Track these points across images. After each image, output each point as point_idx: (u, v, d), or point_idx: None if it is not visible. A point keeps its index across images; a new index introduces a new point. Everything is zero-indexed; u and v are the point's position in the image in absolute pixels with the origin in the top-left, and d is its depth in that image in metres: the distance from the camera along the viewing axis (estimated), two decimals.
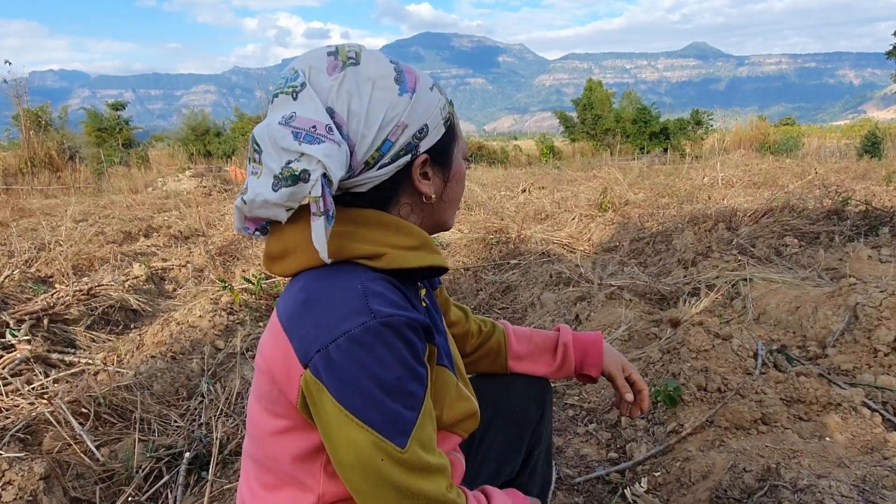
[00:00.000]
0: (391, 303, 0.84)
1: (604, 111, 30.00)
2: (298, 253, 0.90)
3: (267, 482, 0.95)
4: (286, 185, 0.84)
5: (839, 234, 5.16)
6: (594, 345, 1.31)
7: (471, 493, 0.94)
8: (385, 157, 0.90)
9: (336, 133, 0.86)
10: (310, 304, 0.85)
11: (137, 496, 2.00)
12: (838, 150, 21.50)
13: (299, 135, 0.84)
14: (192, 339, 3.44)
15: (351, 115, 0.88)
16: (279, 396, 0.88)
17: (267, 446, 0.92)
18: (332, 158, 0.84)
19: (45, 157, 17.70)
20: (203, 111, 30.21)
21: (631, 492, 1.89)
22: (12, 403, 2.52)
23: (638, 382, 1.30)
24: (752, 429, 2.06)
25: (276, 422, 0.90)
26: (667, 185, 10.37)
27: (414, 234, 0.93)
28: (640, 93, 42.78)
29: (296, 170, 0.84)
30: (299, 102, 0.87)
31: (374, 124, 0.88)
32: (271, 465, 0.93)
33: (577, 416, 2.53)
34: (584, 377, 1.33)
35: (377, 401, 0.79)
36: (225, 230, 7.53)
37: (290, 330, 0.85)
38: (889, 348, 2.56)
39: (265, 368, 0.90)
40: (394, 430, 0.80)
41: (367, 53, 0.92)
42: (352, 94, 0.88)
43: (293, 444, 0.90)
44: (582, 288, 4.03)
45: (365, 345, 0.80)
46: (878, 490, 1.59)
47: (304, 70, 0.90)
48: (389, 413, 0.80)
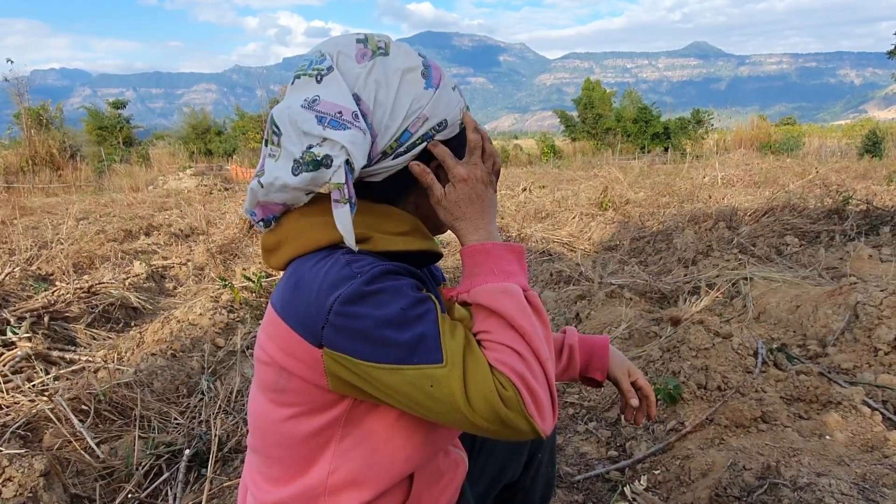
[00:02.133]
0: (373, 261, 0.84)
1: (604, 110, 29.98)
2: (290, 242, 0.90)
3: (273, 475, 0.94)
4: (307, 170, 0.83)
5: (840, 233, 5.15)
6: (600, 348, 1.28)
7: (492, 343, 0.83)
8: (402, 146, 0.89)
9: (362, 121, 0.85)
10: (300, 286, 0.85)
11: (137, 493, 2.00)
12: (839, 149, 21.48)
13: (324, 119, 0.83)
14: (193, 336, 3.44)
15: (377, 104, 0.87)
16: (290, 384, 0.87)
17: (273, 436, 0.92)
18: (357, 146, 0.84)
19: (47, 156, 17.73)
20: (204, 110, 30.21)
21: (631, 490, 1.89)
22: (13, 400, 2.52)
23: (644, 388, 1.26)
24: (752, 427, 2.06)
25: (282, 410, 0.89)
26: (667, 184, 10.36)
27: (404, 221, 0.93)
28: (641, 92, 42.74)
29: (318, 155, 0.83)
30: (323, 86, 0.86)
31: (398, 116, 0.88)
32: (279, 455, 0.92)
33: (578, 415, 2.53)
34: (589, 381, 1.30)
35: (396, 339, 0.78)
36: (225, 228, 7.53)
37: (287, 316, 0.85)
38: (889, 347, 2.56)
39: (269, 360, 0.89)
40: (425, 354, 0.78)
41: (397, 45, 0.91)
42: (380, 84, 0.87)
43: (301, 429, 0.89)
44: (582, 286, 4.03)
45: (358, 299, 0.79)
46: (878, 488, 1.59)
47: (331, 54, 0.88)
48: (412, 342, 0.78)
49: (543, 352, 0.82)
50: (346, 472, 0.90)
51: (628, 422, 1.28)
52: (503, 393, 0.77)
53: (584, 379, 1.31)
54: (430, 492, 0.98)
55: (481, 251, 0.89)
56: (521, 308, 0.83)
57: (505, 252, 0.89)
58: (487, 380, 0.77)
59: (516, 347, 0.80)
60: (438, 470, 1.00)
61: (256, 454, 0.97)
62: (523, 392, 0.77)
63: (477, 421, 0.77)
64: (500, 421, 0.77)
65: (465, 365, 0.78)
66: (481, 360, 0.79)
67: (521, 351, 0.80)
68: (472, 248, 0.90)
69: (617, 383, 1.28)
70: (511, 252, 0.90)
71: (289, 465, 0.92)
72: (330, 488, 0.90)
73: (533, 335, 0.82)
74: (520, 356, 0.80)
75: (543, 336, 0.84)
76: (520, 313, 0.82)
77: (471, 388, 0.77)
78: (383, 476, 0.91)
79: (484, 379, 0.77)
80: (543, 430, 0.79)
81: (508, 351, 0.80)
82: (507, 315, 0.82)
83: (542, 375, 0.81)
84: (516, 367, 0.79)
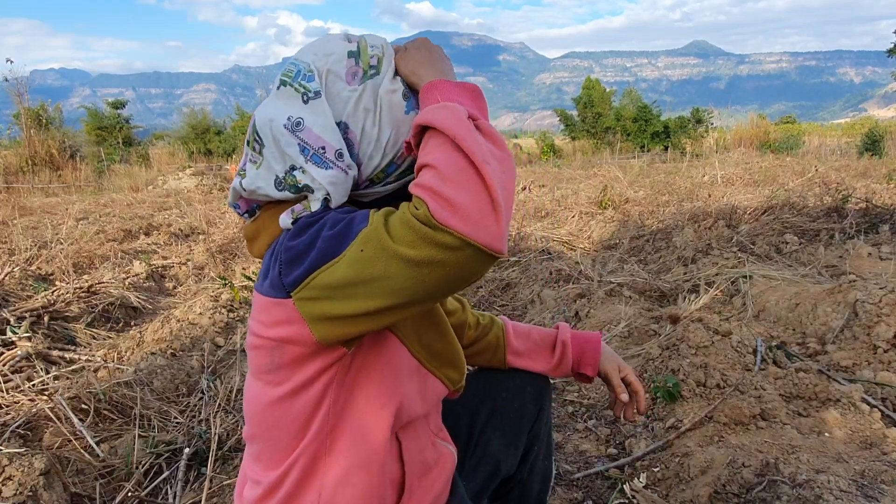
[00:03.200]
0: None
1: (604, 109, 29.95)
2: (267, 229, 0.93)
3: (270, 459, 0.95)
4: (290, 191, 0.87)
5: (839, 231, 5.15)
6: (592, 344, 1.30)
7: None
8: (390, 177, 0.91)
9: (346, 157, 0.86)
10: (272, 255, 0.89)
11: (137, 492, 2.00)
12: (839, 148, 21.46)
13: (307, 151, 0.84)
14: (192, 336, 3.45)
15: (364, 135, 0.88)
16: (282, 357, 0.89)
17: (267, 418, 0.93)
18: (337, 186, 0.85)
19: (46, 156, 17.72)
20: (204, 109, 30.16)
21: (630, 487, 1.89)
22: (13, 400, 2.52)
23: (634, 384, 1.28)
24: (751, 424, 2.06)
25: (276, 390, 0.91)
26: (667, 182, 10.35)
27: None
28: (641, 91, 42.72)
29: (299, 181, 0.86)
30: (309, 110, 0.86)
31: (381, 147, 0.89)
32: (274, 438, 0.94)
33: (577, 413, 2.54)
34: (581, 376, 1.33)
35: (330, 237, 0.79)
36: (225, 228, 7.53)
37: (263, 289, 0.89)
38: (888, 345, 2.56)
39: (259, 342, 0.91)
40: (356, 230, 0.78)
41: (387, 60, 0.91)
42: (368, 112, 0.88)
43: (294, 407, 0.91)
44: (582, 285, 4.03)
45: (298, 232, 0.83)
46: (876, 485, 1.59)
47: (321, 72, 0.87)
48: (343, 231, 0.79)
49: (479, 153, 0.73)
50: (339, 449, 0.91)
51: (617, 417, 1.30)
52: (415, 212, 0.72)
53: (576, 375, 1.33)
54: (421, 484, 1.00)
55: (429, 87, 0.85)
56: (455, 117, 0.76)
57: (454, 87, 0.85)
58: (403, 209, 0.74)
59: (430, 161, 0.74)
60: (426, 462, 1.02)
61: (252, 442, 0.99)
62: (430, 202, 0.70)
63: (407, 253, 0.71)
64: (425, 242, 0.70)
65: (386, 215, 0.76)
66: (401, 209, 0.75)
67: (435, 162, 0.73)
68: (424, 87, 0.86)
69: (607, 379, 1.30)
70: (461, 87, 0.85)
71: (284, 446, 0.93)
72: (324, 466, 0.92)
73: (466, 138, 0.73)
74: (433, 168, 0.73)
75: (498, 157, 0.76)
76: (453, 122, 0.75)
77: (390, 225, 0.74)
78: (377, 461, 0.93)
79: (401, 211, 0.74)
80: (474, 238, 0.70)
81: (423, 171, 0.74)
82: (438, 125, 0.75)
83: (472, 181, 0.72)
84: (425, 180, 0.72)
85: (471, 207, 0.70)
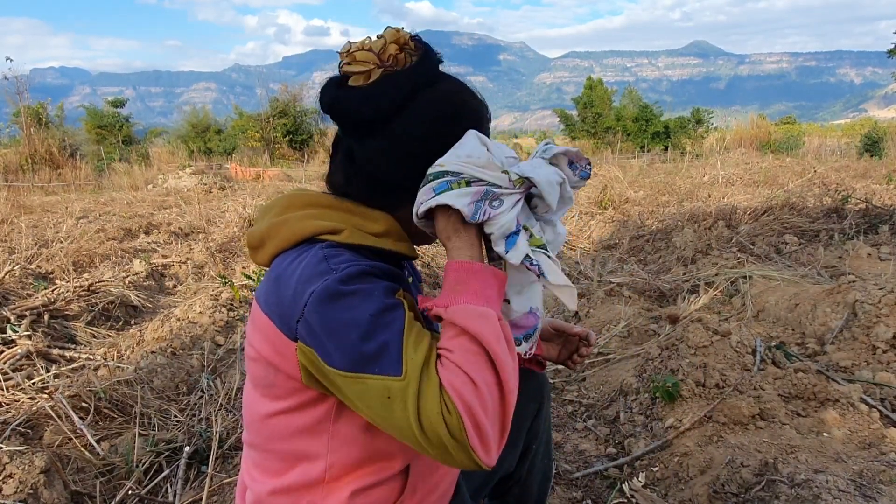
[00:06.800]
0: (351, 259, 0.85)
1: (604, 109, 29.95)
2: (272, 238, 0.93)
3: (269, 468, 0.95)
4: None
5: (839, 232, 5.16)
6: None
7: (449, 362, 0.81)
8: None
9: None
10: (280, 280, 0.87)
11: (137, 490, 2.01)
12: (839, 148, 21.47)
13: None
14: (192, 334, 3.45)
15: None
16: (277, 378, 0.89)
17: (267, 430, 0.93)
18: None
19: (46, 155, 17.71)
20: (204, 108, 30.16)
21: (629, 486, 1.90)
22: (13, 398, 2.52)
23: (580, 332, 1.29)
24: (750, 424, 2.06)
25: (274, 404, 0.91)
26: (667, 183, 10.36)
27: (380, 222, 0.94)
28: (641, 91, 42.67)
29: None
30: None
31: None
32: (274, 449, 0.94)
33: (576, 412, 2.54)
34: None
35: (361, 348, 0.78)
36: (225, 227, 7.52)
37: (270, 310, 0.87)
38: (887, 345, 2.56)
39: (256, 356, 0.91)
40: (386, 364, 0.77)
41: None
42: None
43: (293, 423, 0.90)
44: (581, 285, 4.04)
45: (332, 299, 0.80)
46: (874, 485, 1.59)
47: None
48: (375, 351, 0.78)
49: (511, 382, 0.79)
50: (343, 464, 0.91)
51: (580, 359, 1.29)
52: (447, 417, 0.74)
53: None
54: (425, 483, 0.99)
55: (469, 269, 0.87)
56: (497, 336, 0.80)
57: (490, 276, 0.88)
58: (435, 399, 0.75)
59: (473, 376, 0.77)
60: (434, 462, 1.01)
61: (252, 449, 0.99)
62: (467, 422, 0.74)
63: (423, 441, 0.75)
64: (443, 446, 0.75)
65: (420, 381, 0.76)
66: (434, 379, 0.77)
67: (478, 381, 0.77)
68: (459, 264, 0.88)
69: (562, 329, 1.30)
70: (495, 277, 0.89)
71: (284, 457, 0.93)
72: (328, 479, 0.92)
73: (506, 364, 0.79)
74: (474, 385, 0.76)
75: (514, 369, 0.81)
76: (495, 340, 0.80)
77: (421, 405, 0.75)
78: (381, 466, 0.92)
79: (433, 397, 0.75)
80: (486, 464, 0.77)
81: (464, 377, 0.77)
82: (482, 339, 0.79)
83: (497, 409, 0.78)
84: (465, 395, 0.75)
85: (493, 438, 0.77)
